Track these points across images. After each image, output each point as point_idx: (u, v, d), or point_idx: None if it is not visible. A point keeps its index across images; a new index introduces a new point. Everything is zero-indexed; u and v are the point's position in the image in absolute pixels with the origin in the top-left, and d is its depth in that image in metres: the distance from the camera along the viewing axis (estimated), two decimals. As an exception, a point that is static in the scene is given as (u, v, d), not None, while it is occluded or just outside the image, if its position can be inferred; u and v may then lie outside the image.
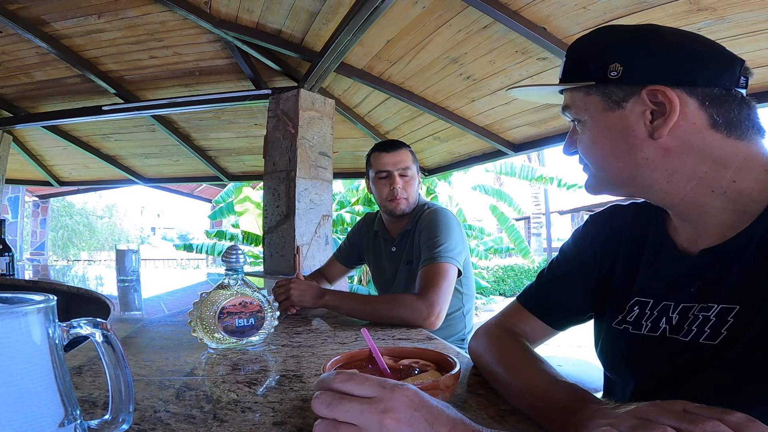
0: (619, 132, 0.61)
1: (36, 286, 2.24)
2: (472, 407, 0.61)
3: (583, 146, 0.66)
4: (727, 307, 0.56)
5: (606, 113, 0.62)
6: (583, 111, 0.65)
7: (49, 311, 0.40)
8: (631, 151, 0.61)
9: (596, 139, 0.64)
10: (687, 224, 0.64)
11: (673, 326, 0.63)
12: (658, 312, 0.65)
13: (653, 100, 0.58)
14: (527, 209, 14.11)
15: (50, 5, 2.48)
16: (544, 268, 0.87)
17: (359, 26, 1.99)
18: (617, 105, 0.61)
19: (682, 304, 0.63)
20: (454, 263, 1.33)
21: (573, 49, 0.68)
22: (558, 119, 2.85)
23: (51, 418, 0.39)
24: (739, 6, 1.66)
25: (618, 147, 0.62)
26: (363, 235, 1.78)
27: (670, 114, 0.57)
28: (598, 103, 0.63)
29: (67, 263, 14.40)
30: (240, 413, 0.59)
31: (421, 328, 1.16)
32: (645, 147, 0.60)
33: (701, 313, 0.59)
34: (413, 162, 1.60)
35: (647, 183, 0.62)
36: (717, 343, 0.56)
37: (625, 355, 0.70)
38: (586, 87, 0.64)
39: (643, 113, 0.59)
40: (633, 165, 0.61)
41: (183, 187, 9.59)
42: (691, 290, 0.62)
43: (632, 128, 0.60)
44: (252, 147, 4.12)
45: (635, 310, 0.69)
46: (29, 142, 4.56)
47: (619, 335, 0.71)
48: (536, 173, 8.35)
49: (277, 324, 1.00)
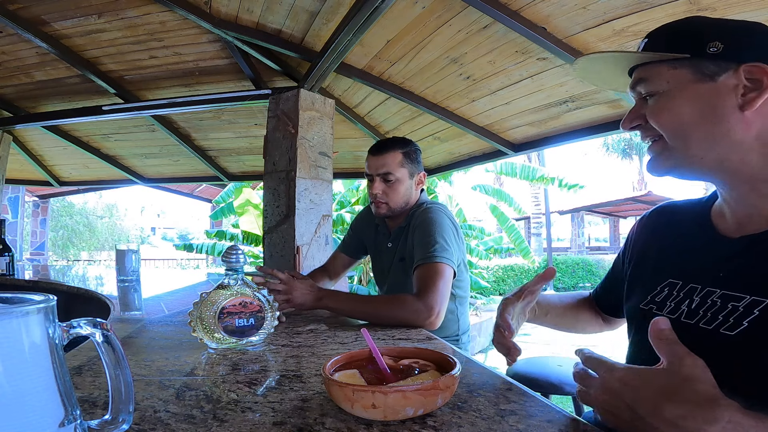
0: (707, 102, 0.64)
1: (36, 286, 2.24)
2: (472, 407, 0.61)
3: (660, 116, 0.68)
4: (758, 300, 0.57)
5: (695, 84, 0.64)
6: (665, 83, 0.67)
7: (49, 311, 0.40)
8: (717, 121, 0.63)
9: (678, 107, 0.66)
10: (743, 208, 0.66)
11: (690, 310, 0.64)
12: (684, 294, 0.67)
13: (749, 76, 0.61)
14: (527, 209, 14.10)
15: (50, 5, 2.48)
16: None
17: (359, 26, 1.99)
18: (709, 78, 0.64)
19: (707, 288, 0.64)
20: (449, 263, 1.32)
21: (660, 29, 0.71)
22: (558, 119, 2.85)
23: (51, 418, 0.39)
24: (739, 6, 1.67)
25: (704, 116, 0.64)
26: (365, 225, 1.78)
27: (766, 88, 0.60)
28: (687, 75, 0.65)
29: (67, 263, 14.39)
30: (240, 413, 0.59)
31: (421, 328, 1.16)
32: (731, 118, 0.62)
33: (728, 301, 0.60)
34: (402, 165, 1.55)
35: (722, 157, 0.64)
36: (734, 334, 0.57)
37: (644, 338, 0.71)
38: (674, 60, 0.66)
39: (736, 87, 0.62)
40: (715, 135, 0.63)
41: (183, 187, 9.59)
42: (719, 275, 0.63)
43: (723, 99, 0.63)
44: (252, 147, 4.11)
45: (665, 291, 0.71)
46: (29, 142, 4.56)
47: (643, 316, 0.72)
48: (536, 173, 8.35)
49: (277, 324, 1.00)
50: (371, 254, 1.77)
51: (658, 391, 0.48)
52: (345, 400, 0.55)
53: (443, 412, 0.59)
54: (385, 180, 1.54)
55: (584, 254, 15.39)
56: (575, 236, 17.42)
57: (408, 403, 0.54)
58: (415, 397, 0.54)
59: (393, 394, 0.53)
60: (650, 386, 0.49)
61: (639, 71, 0.70)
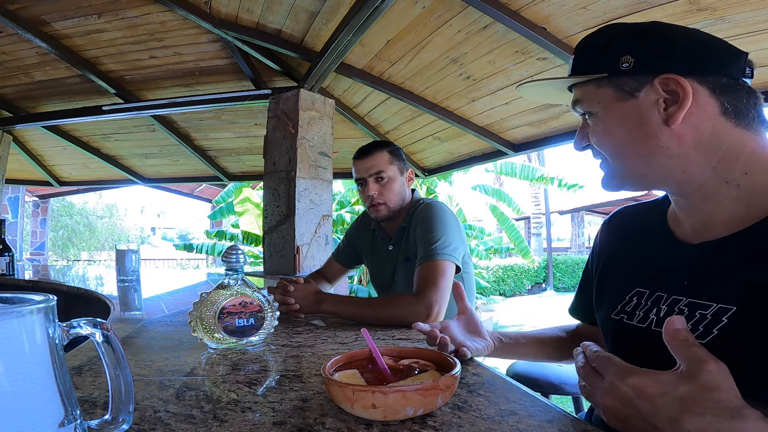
0: (633, 120, 0.63)
1: (36, 286, 2.24)
2: (472, 407, 0.61)
3: (597, 137, 0.67)
4: (725, 308, 0.56)
5: (619, 103, 0.63)
6: (595, 103, 0.66)
7: (49, 311, 0.40)
8: (646, 138, 0.62)
9: (610, 128, 0.65)
10: (697, 215, 0.64)
11: (659, 318, 0.63)
12: (652, 302, 0.66)
13: (666, 88, 0.60)
14: (527, 209, 14.10)
15: (50, 5, 2.49)
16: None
17: (359, 26, 1.99)
18: (630, 95, 0.62)
19: (673, 296, 0.63)
20: (451, 260, 1.31)
21: (582, 45, 0.69)
22: (558, 119, 2.85)
23: (51, 418, 0.39)
24: (739, 6, 1.67)
25: (633, 135, 0.63)
26: (361, 234, 1.75)
27: (683, 101, 0.59)
28: (611, 95, 0.64)
29: (67, 263, 14.39)
30: (240, 413, 0.59)
31: (420, 328, 1.16)
32: (660, 134, 0.61)
33: (695, 309, 0.59)
34: (391, 163, 1.55)
35: (663, 172, 0.63)
36: (705, 342, 0.56)
37: (619, 347, 0.71)
38: (597, 80, 0.65)
39: (657, 102, 0.61)
40: (649, 152, 0.62)
41: (183, 187, 9.59)
42: (684, 283, 0.62)
43: (646, 116, 0.61)
44: (252, 147, 4.12)
45: (633, 300, 0.70)
46: (29, 142, 4.57)
47: (614, 325, 0.72)
48: (536, 173, 8.36)
49: (277, 324, 1.00)
50: (369, 262, 1.73)
51: (677, 400, 0.45)
52: (345, 400, 0.55)
53: (443, 412, 0.59)
54: (378, 180, 1.53)
55: (584, 254, 15.39)
56: (575, 236, 17.43)
57: (408, 403, 0.54)
58: (415, 397, 0.54)
59: (393, 394, 0.53)
60: (667, 395, 0.46)
61: (575, 91, 0.69)
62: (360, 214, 1.84)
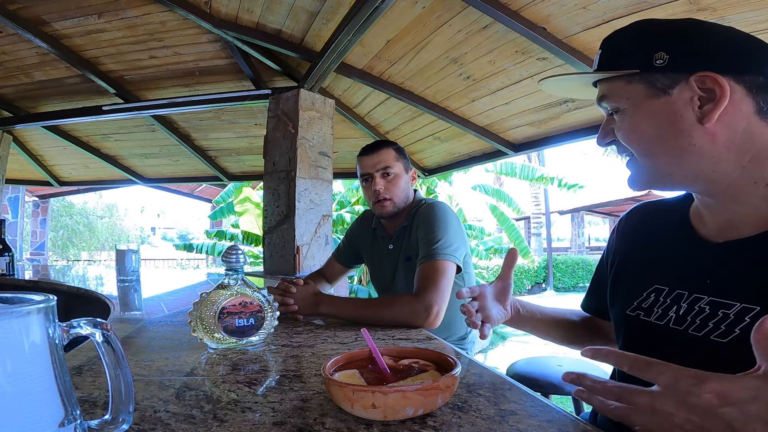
0: (665, 118, 0.62)
1: (36, 286, 2.24)
2: (472, 407, 0.61)
3: (625, 134, 0.66)
4: (748, 307, 0.56)
5: (650, 100, 0.62)
6: (624, 99, 0.65)
7: (49, 311, 0.40)
8: (678, 136, 0.61)
9: (639, 125, 0.64)
10: (723, 214, 0.64)
11: (678, 316, 0.63)
12: (671, 300, 0.66)
13: (702, 86, 0.59)
14: (527, 209, 14.09)
15: (50, 5, 2.48)
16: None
17: (359, 26, 1.99)
18: (662, 92, 0.61)
19: (695, 295, 0.63)
20: (452, 260, 1.31)
21: (610, 40, 0.68)
22: (558, 119, 2.85)
23: (51, 418, 0.39)
24: (739, 6, 1.67)
25: (665, 132, 0.62)
26: (361, 234, 1.76)
27: (720, 99, 0.58)
28: (641, 91, 0.63)
29: (67, 263, 14.39)
30: (240, 413, 0.59)
31: (421, 328, 1.16)
32: (693, 132, 0.60)
33: (718, 308, 0.59)
34: (397, 160, 1.57)
35: (693, 171, 0.62)
36: (727, 341, 0.56)
37: (633, 344, 0.70)
38: (627, 76, 0.64)
39: (691, 99, 0.60)
40: (680, 151, 0.61)
41: (183, 187, 9.60)
42: (707, 282, 0.62)
43: (680, 114, 0.60)
44: (252, 147, 4.12)
45: (651, 296, 0.69)
46: (29, 142, 4.57)
47: (630, 322, 0.71)
48: (536, 173, 8.36)
49: (277, 324, 1.00)
50: (369, 262, 1.73)
51: None
52: (345, 400, 0.55)
53: (443, 412, 0.59)
54: (384, 175, 1.55)
55: (584, 254, 15.38)
56: (575, 236, 17.42)
57: (408, 403, 0.54)
58: (415, 397, 0.54)
59: (393, 394, 0.53)
60: (759, 399, 0.41)
61: (600, 86, 0.69)
62: (360, 214, 1.85)
